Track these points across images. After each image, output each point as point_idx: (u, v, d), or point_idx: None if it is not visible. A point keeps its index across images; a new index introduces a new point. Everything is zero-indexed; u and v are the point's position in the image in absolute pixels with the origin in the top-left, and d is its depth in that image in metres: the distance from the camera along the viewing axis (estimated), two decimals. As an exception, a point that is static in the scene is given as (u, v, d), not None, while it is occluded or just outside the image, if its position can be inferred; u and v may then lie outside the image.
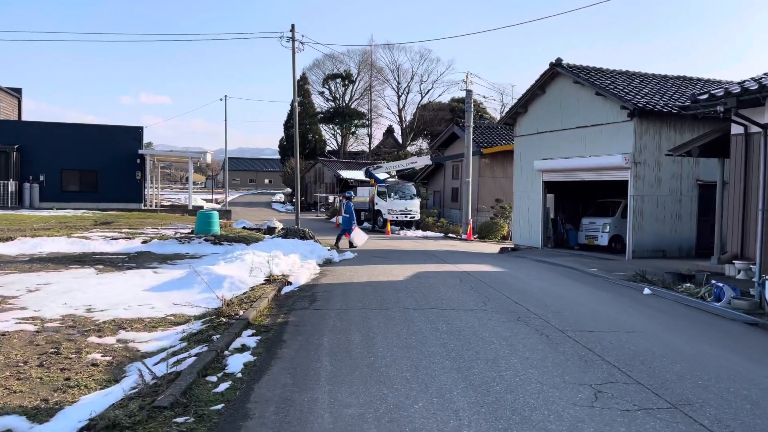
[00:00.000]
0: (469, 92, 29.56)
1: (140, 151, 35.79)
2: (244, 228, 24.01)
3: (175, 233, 20.33)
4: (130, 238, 18.46)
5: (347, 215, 22.06)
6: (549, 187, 22.54)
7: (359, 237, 21.64)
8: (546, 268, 15.63)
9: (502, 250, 22.93)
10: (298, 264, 13.56)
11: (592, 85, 19.61)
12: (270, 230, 23.46)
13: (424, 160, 33.59)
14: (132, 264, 14.48)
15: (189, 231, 21.10)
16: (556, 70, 21.24)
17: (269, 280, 11.11)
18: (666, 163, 18.81)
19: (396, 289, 10.65)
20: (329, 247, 21.30)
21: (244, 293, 10.03)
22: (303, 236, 20.43)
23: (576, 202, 24.04)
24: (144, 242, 18.08)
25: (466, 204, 30.02)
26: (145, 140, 40.67)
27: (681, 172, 19.13)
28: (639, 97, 18.80)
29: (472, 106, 29.81)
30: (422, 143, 71.06)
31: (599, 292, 11.22)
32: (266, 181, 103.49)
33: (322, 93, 73.21)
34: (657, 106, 18.35)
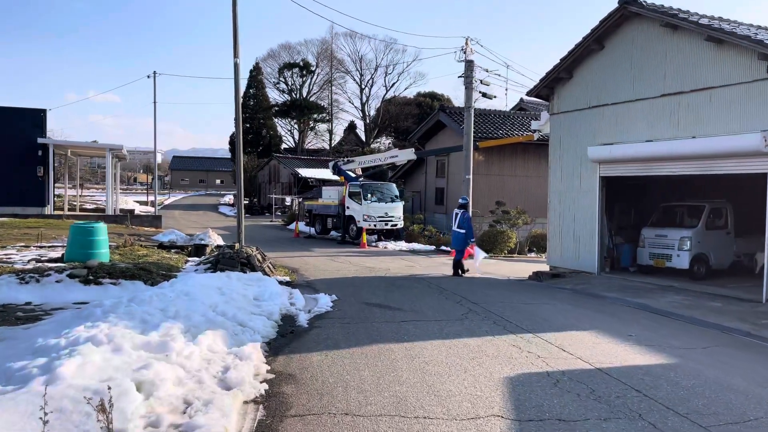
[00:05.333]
0: (469, 63, 21.79)
1: (41, 140, 26.63)
2: (160, 245, 15.52)
3: (30, 261, 11.79)
4: (-75, 277, 9.83)
5: (461, 230, 14.73)
6: (604, 185, 14.95)
7: (478, 258, 14.87)
8: (708, 339, 7.86)
9: (538, 276, 15.24)
10: (216, 367, 5.36)
11: (698, 28, 12.09)
12: (199, 249, 15.09)
13: (407, 154, 25.67)
14: None
15: (62, 255, 12.59)
16: (629, 11, 13.63)
17: None
18: (821, 146, 11.46)
19: None
20: (289, 277, 13.21)
21: None
22: (246, 264, 12.22)
23: (626, 205, 16.64)
24: (-50, 283, 9.53)
25: (465, 208, 22.21)
26: (91, 138, 30.91)
27: (839, 162, 11.80)
28: (777, 44, 11.36)
29: (473, 81, 22.06)
30: (387, 140, 63.14)
31: None
32: (217, 181, 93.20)
33: (277, 85, 64.27)
34: (818, 55, 10.94)
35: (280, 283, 12.14)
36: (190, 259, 14.12)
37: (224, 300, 8.18)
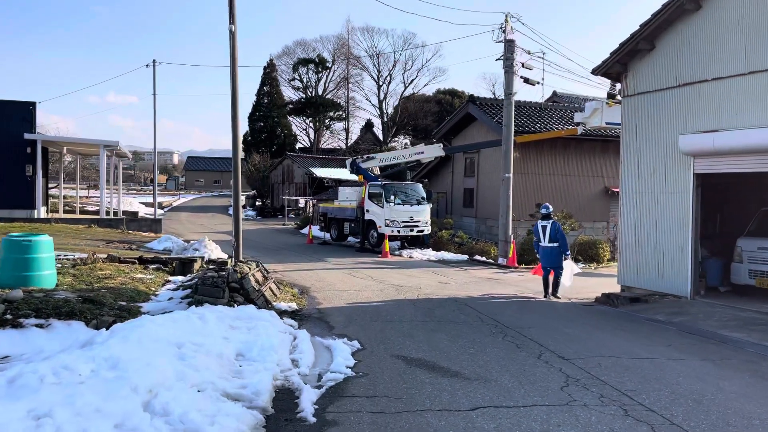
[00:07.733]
0: (509, 43, 18.40)
1: (28, 136, 23.66)
2: (140, 259, 12.29)
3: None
4: None
5: (554, 244, 12.09)
6: (699, 184, 11.47)
7: (569, 274, 12.34)
8: None
9: (610, 300, 11.82)
10: None
11: None
12: (185, 266, 11.84)
13: (435, 150, 22.33)
14: None
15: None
16: (742, -44, 10.18)
17: None
18: None
19: None
20: (297, 303, 10.02)
21: None
22: (238, 289, 8.96)
23: (710, 210, 13.15)
24: None
25: (504, 212, 18.89)
26: (110, 138, 27.39)
27: None
28: None
29: (514, 65, 18.65)
30: (405, 139, 59.79)
31: None
32: (232, 182, 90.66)
33: (291, 82, 61.16)
34: None
35: (283, 313, 8.91)
36: (171, 279, 10.90)
37: (180, 371, 4.89)
